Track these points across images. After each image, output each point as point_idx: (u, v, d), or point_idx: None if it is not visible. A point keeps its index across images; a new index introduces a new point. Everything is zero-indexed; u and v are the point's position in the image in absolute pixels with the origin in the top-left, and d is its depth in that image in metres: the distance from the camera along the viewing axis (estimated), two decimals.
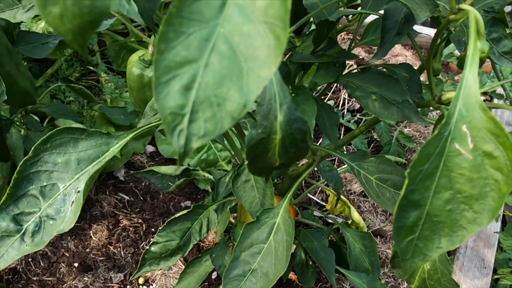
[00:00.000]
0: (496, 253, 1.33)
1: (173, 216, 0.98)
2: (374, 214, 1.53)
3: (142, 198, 1.54)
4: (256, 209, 0.82)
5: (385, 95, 0.70)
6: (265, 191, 0.84)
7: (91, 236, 1.40)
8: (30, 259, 1.33)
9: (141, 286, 1.30)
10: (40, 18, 1.45)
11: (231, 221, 1.21)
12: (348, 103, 1.90)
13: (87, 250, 1.37)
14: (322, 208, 1.54)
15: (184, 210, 1.01)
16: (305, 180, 1.49)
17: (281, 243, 0.73)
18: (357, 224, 1.16)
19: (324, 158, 0.90)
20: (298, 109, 0.68)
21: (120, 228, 1.43)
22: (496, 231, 1.36)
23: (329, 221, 1.45)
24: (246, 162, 0.50)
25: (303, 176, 0.86)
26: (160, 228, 0.97)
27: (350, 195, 1.59)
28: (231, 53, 0.32)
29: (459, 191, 0.43)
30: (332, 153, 0.81)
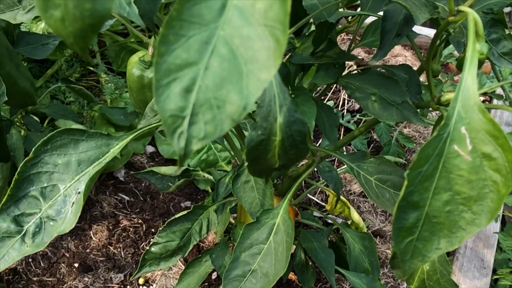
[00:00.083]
0: (496, 254, 1.33)
1: (173, 217, 0.99)
2: (374, 215, 1.53)
3: (142, 199, 1.54)
4: (256, 210, 0.82)
5: (385, 96, 0.70)
6: (265, 192, 0.84)
7: (91, 237, 1.40)
8: (31, 260, 1.33)
9: (141, 287, 1.30)
10: (40, 19, 1.45)
11: (231, 222, 1.21)
12: (348, 104, 1.90)
13: (87, 251, 1.37)
14: (322, 209, 1.54)
15: (184, 211, 1.01)
16: (305, 181, 1.49)
17: (281, 244, 0.73)
18: (357, 225, 1.16)
19: (324, 159, 0.91)
20: (298, 110, 0.69)
21: (120, 229, 1.43)
22: (496, 232, 1.36)
23: (329, 222, 1.45)
24: (246, 164, 0.50)
25: (303, 177, 0.86)
26: (160, 229, 0.97)
27: (350, 196, 1.59)
28: (231, 56, 0.32)
29: (458, 193, 0.43)
30: (332, 154, 0.82)
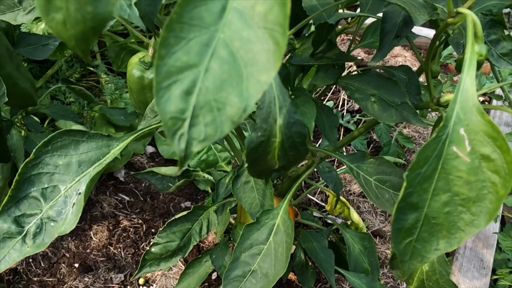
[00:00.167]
0: (495, 254, 1.33)
1: (173, 217, 0.99)
2: (374, 215, 1.53)
3: (142, 199, 1.54)
4: (256, 210, 0.82)
5: (384, 97, 0.70)
6: (265, 192, 0.84)
7: (92, 237, 1.40)
8: (31, 260, 1.33)
9: (142, 287, 1.30)
10: (41, 20, 1.46)
11: (231, 222, 1.21)
12: (348, 104, 1.90)
13: (88, 251, 1.37)
14: (322, 209, 1.55)
15: (184, 211, 1.01)
16: (305, 181, 1.49)
17: (281, 244, 0.74)
18: (357, 225, 1.17)
19: (324, 159, 0.91)
20: (298, 111, 0.69)
21: (121, 229, 1.43)
22: (495, 232, 1.36)
23: (329, 222, 1.45)
24: (246, 165, 0.50)
25: (303, 177, 0.86)
26: (160, 229, 0.97)
27: (350, 196, 1.60)
28: (231, 58, 0.32)
29: (457, 194, 0.43)
30: (332, 155, 0.82)
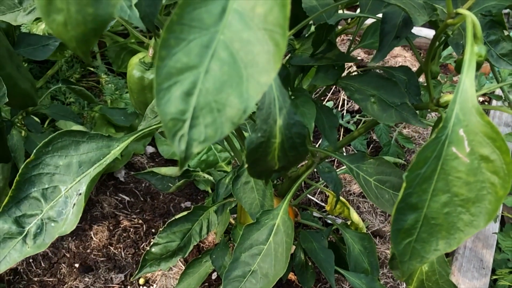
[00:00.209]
0: (495, 254, 1.33)
1: (173, 218, 0.99)
2: (373, 215, 1.53)
3: (143, 199, 1.54)
4: (256, 211, 0.82)
5: (384, 98, 0.70)
6: (265, 193, 0.84)
7: (92, 237, 1.40)
8: (31, 260, 1.34)
9: (142, 287, 1.30)
10: (41, 20, 1.46)
11: (231, 222, 1.21)
12: (348, 104, 1.91)
13: (88, 251, 1.37)
14: (322, 209, 1.55)
15: (184, 211, 1.01)
16: (305, 181, 1.50)
17: (281, 245, 0.74)
18: (356, 225, 1.17)
19: (324, 160, 0.91)
20: (298, 112, 0.69)
21: (121, 229, 1.43)
22: (495, 232, 1.36)
23: (329, 222, 1.45)
24: (246, 165, 0.50)
25: (303, 178, 0.86)
26: (161, 230, 0.97)
27: (350, 196, 1.60)
28: (231, 60, 0.32)
29: (456, 194, 0.43)
30: (331, 155, 0.82)
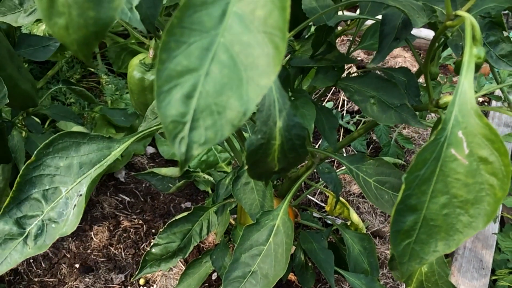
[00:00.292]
0: (494, 254, 1.33)
1: (174, 218, 0.99)
2: (373, 215, 1.54)
3: (143, 199, 1.54)
4: (256, 211, 0.82)
5: (384, 99, 0.70)
6: (265, 193, 0.85)
7: (92, 237, 1.41)
8: (32, 260, 1.34)
9: (142, 287, 1.31)
10: (41, 21, 1.46)
11: (231, 223, 1.21)
12: (347, 105, 1.91)
13: (88, 251, 1.37)
14: (322, 209, 1.55)
15: (185, 212, 1.01)
16: (305, 182, 1.50)
17: (281, 245, 0.74)
18: (356, 226, 1.17)
19: (323, 160, 0.91)
20: (297, 113, 0.69)
21: (121, 229, 1.44)
22: (494, 232, 1.37)
23: (329, 223, 1.46)
24: (246, 167, 0.51)
25: (303, 178, 0.86)
26: (161, 230, 0.97)
27: (349, 196, 1.60)
28: (231, 62, 0.33)
29: (455, 196, 0.43)
30: (331, 156, 0.82)
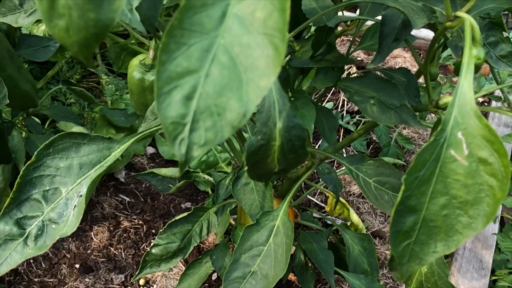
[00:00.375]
0: (494, 254, 1.33)
1: (174, 219, 0.99)
2: (373, 216, 1.54)
3: (143, 200, 1.54)
4: (256, 212, 0.82)
5: (383, 100, 0.70)
6: (265, 194, 0.85)
7: (92, 238, 1.41)
8: (32, 261, 1.34)
9: (142, 287, 1.31)
10: (41, 22, 1.46)
11: (231, 223, 1.21)
12: (347, 105, 1.91)
13: (88, 252, 1.37)
14: (322, 210, 1.55)
15: (185, 212, 1.01)
16: (305, 182, 1.50)
17: (281, 246, 0.74)
18: (356, 226, 1.17)
19: (323, 161, 0.91)
20: (297, 114, 0.69)
21: (121, 230, 1.44)
22: (494, 233, 1.37)
23: (328, 223, 1.46)
24: (246, 168, 0.51)
25: (303, 179, 0.86)
26: (161, 231, 0.97)
27: (349, 197, 1.60)
28: (231, 64, 0.33)
29: (455, 197, 0.43)
30: (331, 156, 0.82)
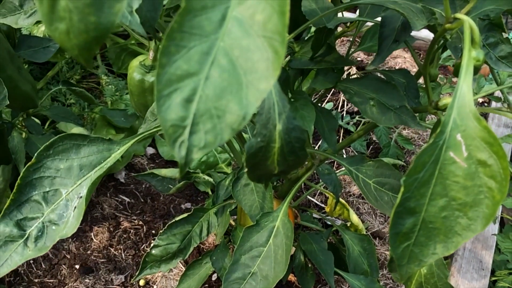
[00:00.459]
0: (494, 255, 1.33)
1: (174, 219, 0.99)
2: (373, 216, 1.54)
3: (143, 200, 1.55)
4: (256, 213, 0.83)
5: (383, 101, 0.71)
6: (265, 195, 0.85)
7: (92, 238, 1.41)
8: (32, 261, 1.34)
9: None
10: (41, 22, 1.46)
11: (231, 224, 1.21)
12: (347, 105, 1.91)
13: (88, 252, 1.37)
14: (321, 210, 1.55)
15: (185, 213, 1.01)
16: (304, 183, 1.50)
17: (281, 247, 0.74)
18: (356, 226, 1.17)
19: (323, 161, 0.91)
20: (297, 115, 0.69)
21: (121, 230, 1.44)
22: (494, 233, 1.37)
23: (328, 223, 1.46)
24: (246, 170, 0.51)
25: (302, 180, 0.87)
26: (161, 231, 0.97)
27: (349, 197, 1.60)
28: (231, 67, 0.33)
29: (454, 199, 0.43)
30: (331, 157, 0.82)
